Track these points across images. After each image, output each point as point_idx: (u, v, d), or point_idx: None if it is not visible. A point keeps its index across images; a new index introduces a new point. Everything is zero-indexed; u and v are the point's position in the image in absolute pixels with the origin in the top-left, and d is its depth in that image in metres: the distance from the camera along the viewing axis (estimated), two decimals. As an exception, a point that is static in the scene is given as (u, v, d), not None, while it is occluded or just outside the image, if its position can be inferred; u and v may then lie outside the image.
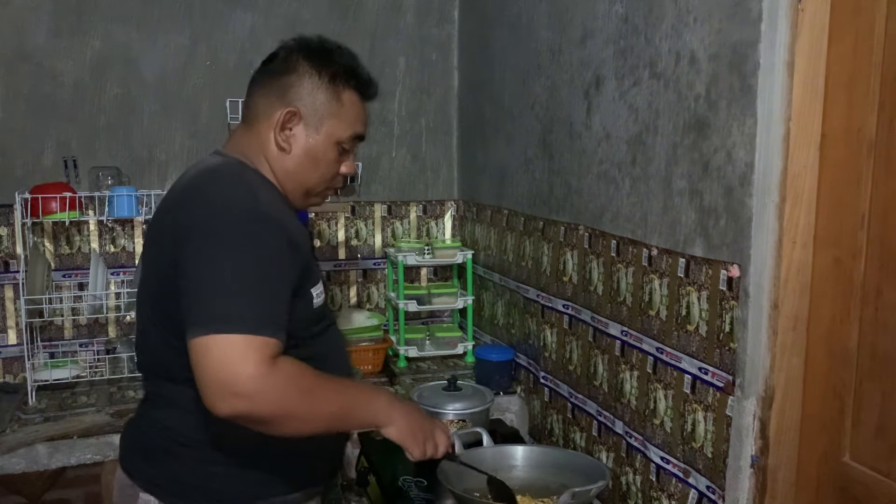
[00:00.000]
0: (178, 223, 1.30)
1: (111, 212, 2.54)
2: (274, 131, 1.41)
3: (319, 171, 1.45)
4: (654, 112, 1.74)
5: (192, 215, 1.29)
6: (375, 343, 2.75)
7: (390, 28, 3.04)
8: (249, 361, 1.16)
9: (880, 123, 1.27)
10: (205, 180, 1.36)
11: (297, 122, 1.41)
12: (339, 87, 1.44)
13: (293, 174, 1.43)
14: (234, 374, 1.15)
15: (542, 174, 2.34)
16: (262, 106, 1.43)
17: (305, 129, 1.42)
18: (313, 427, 1.30)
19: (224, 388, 1.15)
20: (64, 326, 2.77)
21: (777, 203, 1.40)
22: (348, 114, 1.45)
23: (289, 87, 1.41)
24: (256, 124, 1.43)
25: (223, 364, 1.15)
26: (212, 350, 1.16)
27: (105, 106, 2.76)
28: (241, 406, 1.16)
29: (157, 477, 1.39)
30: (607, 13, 1.93)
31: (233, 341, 1.16)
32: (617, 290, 1.93)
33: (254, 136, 1.43)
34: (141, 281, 1.43)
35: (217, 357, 1.16)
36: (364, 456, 2.12)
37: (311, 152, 1.43)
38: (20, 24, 2.65)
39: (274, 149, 1.42)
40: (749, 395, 1.47)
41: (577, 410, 2.16)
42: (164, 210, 1.40)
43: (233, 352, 1.16)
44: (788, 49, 1.37)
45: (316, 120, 1.42)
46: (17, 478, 2.16)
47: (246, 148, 1.43)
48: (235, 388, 1.15)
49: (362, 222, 3.10)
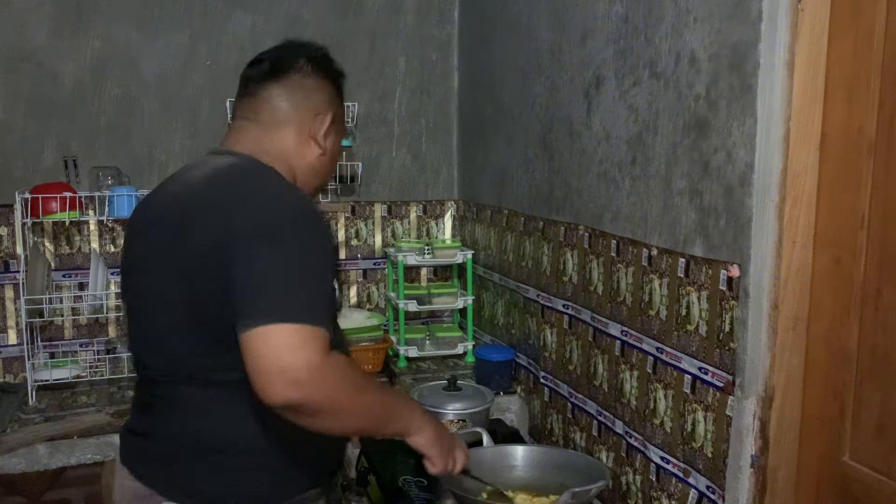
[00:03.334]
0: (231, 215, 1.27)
1: (111, 212, 2.54)
2: (308, 131, 1.46)
3: (333, 169, 1.59)
4: (654, 112, 1.74)
5: (250, 206, 1.28)
6: (375, 343, 2.75)
7: (390, 28, 3.04)
8: (309, 350, 1.17)
9: (880, 123, 1.27)
10: (237, 179, 1.35)
11: (336, 122, 1.51)
12: (342, 93, 1.56)
13: (319, 172, 1.52)
14: (293, 362, 1.16)
15: (542, 174, 2.34)
16: (285, 108, 1.45)
17: (334, 131, 1.51)
18: (354, 425, 1.32)
19: (283, 374, 1.15)
20: (64, 326, 2.77)
21: (777, 203, 1.40)
22: (345, 114, 1.62)
23: (313, 91, 1.47)
24: (277, 126, 1.45)
25: (283, 352, 1.16)
26: (272, 338, 1.16)
27: (105, 106, 2.76)
28: (296, 394, 1.16)
29: (181, 483, 1.35)
30: (607, 13, 1.93)
31: (293, 330, 1.17)
32: (617, 290, 1.93)
33: (274, 138, 1.45)
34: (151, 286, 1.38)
35: (277, 345, 1.16)
36: (364, 456, 2.12)
37: (334, 152, 1.54)
38: (20, 24, 2.65)
39: (299, 147, 1.46)
40: (749, 395, 1.47)
41: (577, 410, 2.16)
42: (179, 212, 1.34)
43: (293, 340, 1.16)
44: (788, 49, 1.37)
45: (339, 121, 1.54)
46: (17, 478, 2.16)
47: (264, 149, 1.43)
48: (294, 375, 1.15)
49: (362, 222, 3.09)
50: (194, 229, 1.30)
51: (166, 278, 1.33)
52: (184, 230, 1.31)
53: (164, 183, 1.50)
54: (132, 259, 1.45)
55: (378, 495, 1.96)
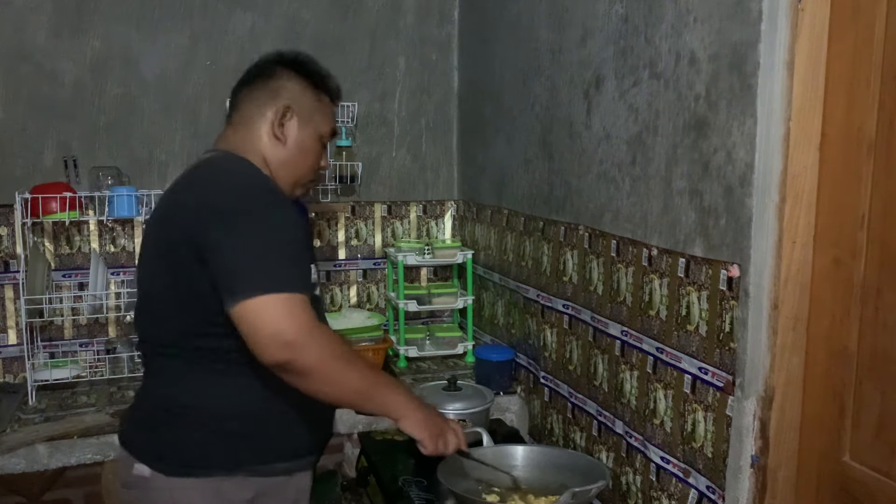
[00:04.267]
0: (193, 209, 1.43)
1: (111, 212, 2.54)
2: (271, 126, 1.57)
3: (308, 162, 1.63)
4: (654, 112, 1.74)
5: (209, 198, 1.42)
6: (375, 343, 2.75)
7: (390, 28, 3.04)
8: (299, 315, 1.32)
9: (880, 123, 1.27)
10: (212, 169, 1.52)
11: (290, 116, 1.58)
12: (319, 90, 1.64)
13: (287, 164, 1.59)
14: (286, 325, 1.30)
15: (542, 174, 2.34)
16: (253, 108, 1.58)
17: (298, 123, 1.59)
18: (339, 393, 1.41)
19: (278, 337, 1.29)
20: (64, 326, 2.77)
21: (777, 203, 1.40)
22: (327, 112, 1.65)
23: (279, 89, 1.59)
24: (249, 123, 1.58)
25: (276, 318, 1.30)
26: (263, 308, 1.30)
27: (105, 106, 2.76)
28: (289, 354, 1.30)
29: (153, 446, 1.48)
30: (607, 13, 1.93)
31: (282, 299, 1.31)
32: (617, 290, 1.93)
33: (246, 134, 1.58)
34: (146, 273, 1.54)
35: (270, 313, 1.30)
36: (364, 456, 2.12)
37: (302, 144, 1.60)
38: (20, 24, 2.65)
39: (269, 142, 1.58)
40: (749, 395, 1.47)
41: (577, 410, 2.16)
42: (169, 206, 1.51)
43: (284, 307, 1.31)
44: (788, 49, 1.37)
45: (306, 115, 1.60)
46: (17, 478, 2.16)
47: (237, 145, 1.57)
48: (287, 337, 1.29)
49: (362, 222, 3.09)
50: (171, 223, 1.47)
51: (156, 268, 1.50)
52: (166, 223, 1.49)
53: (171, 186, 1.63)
54: (141, 250, 1.61)
55: (378, 495, 1.96)
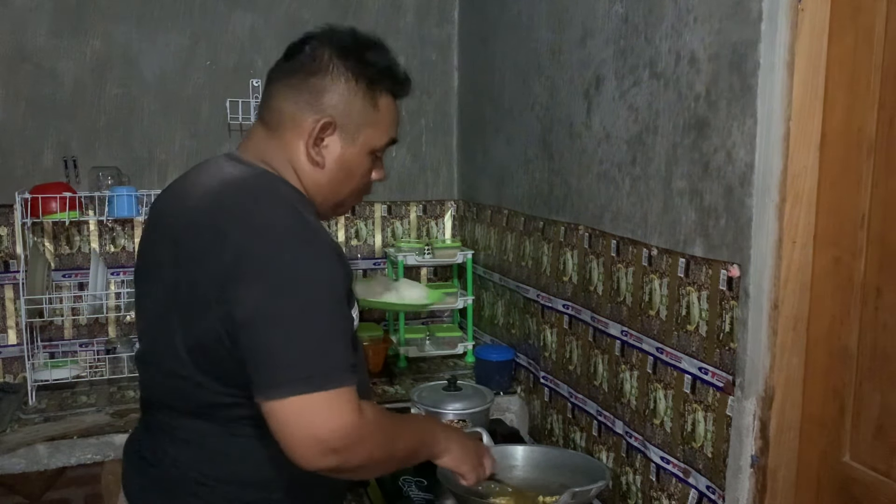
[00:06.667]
0: (224, 252, 1.17)
1: (111, 212, 2.54)
2: (305, 143, 1.30)
3: (354, 183, 1.36)
4: (654, 112, 1.74)
5: (241, 245, 1.16)
6: (375, 343, 2.75)
7: (390, 28, 3.04)
8: (344, 417, 1.12)
9: (880, 123, 1.26)
10: (243, 195, 1.23)
11: (331, 132, 1.30)
12: (376, 93, 1.34)
13: (326, 188, 1.33)
14: (330, 432, 1.11)
15: (542, 174, 2.34)
16: (290, 110, 1.30)
17: (341, 140, 1.31)
18: (386, 468, 1.31)
19: (320, 445, 1.11)
20: (64, 326, 2.77)
21: (777, 203, 1.40)
22: (384, 120, 1.37)
23: (321, 92, 1.29)
24: (282, 130, 1.31)
25: (318, 423, 1.11)
26: (303, 411, 1.11)
27: (105, 106, 2.76)
28: (334, 461, 1.13)
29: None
30: (607, 13, 1.93)
31: (324, 399, 1.11)
32: (617, 290, 1.93)
33: (279, 143, 1.31)
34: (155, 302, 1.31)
35: (310, 417, 1.11)
36: (364, 456, 2.12)
37: (345, 164, 1.33)
38: (20, 24, 2.65)
39: (304, 160, 1.31)
40: (749, 395, 1.47)
41: (577, 410, 2.16)
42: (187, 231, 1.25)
43: (326, 410, 1.11)
44: (788, 49, 1.37)
45: (352, 129, 1.32)
46: (17, 478, 2.16)
47: (270, 155, 1.31)
48: (331, 445, 1.12)
49: (362, 222, 3.09)
50: (194, 262, 1.21)
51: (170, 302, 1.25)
52: (179, 258, 1.24)
53: (176, 182, 1.40)
54: (140, 264, 1.39)
55: (378, 495, 1.96)
